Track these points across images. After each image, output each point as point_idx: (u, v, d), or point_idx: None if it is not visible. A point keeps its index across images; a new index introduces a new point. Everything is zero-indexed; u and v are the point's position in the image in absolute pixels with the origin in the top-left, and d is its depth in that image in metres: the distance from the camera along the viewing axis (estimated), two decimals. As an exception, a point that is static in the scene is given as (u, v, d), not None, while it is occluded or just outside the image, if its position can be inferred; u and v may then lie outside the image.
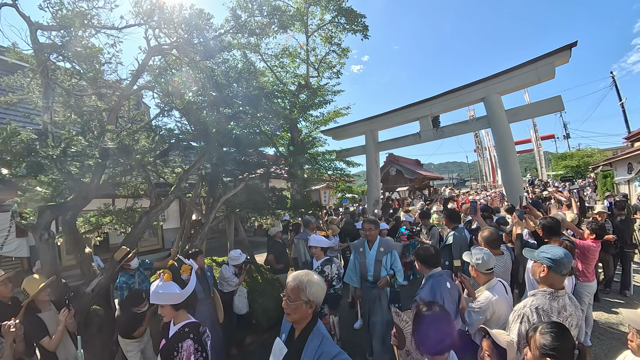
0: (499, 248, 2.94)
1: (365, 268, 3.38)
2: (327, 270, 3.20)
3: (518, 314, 1.77)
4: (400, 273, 3.41)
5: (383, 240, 3.46)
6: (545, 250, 1.84)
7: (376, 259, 3.33)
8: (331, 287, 3.19)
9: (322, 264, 3.27)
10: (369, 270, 3.36)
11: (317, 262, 3.33)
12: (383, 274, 3.31)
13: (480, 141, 26.55)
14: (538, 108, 6.99)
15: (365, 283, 3.42)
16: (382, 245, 3.38)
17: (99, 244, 4.80)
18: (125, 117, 3.97)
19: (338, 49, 8.26)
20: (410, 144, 9.09)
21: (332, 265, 3.25)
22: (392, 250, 3.39)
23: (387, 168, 21.06)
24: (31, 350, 2.26)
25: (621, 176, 11.29)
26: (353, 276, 3.52)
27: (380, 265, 3.30)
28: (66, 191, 2.99)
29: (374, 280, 3.33)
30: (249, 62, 5.12)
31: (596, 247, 3.52)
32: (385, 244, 3.40)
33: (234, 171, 5.05)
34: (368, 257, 3.39)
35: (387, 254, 3.35)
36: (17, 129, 2.44)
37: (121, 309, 2.94)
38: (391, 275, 3.37)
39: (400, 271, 3.41)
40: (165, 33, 3.38)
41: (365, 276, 3.40)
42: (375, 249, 3.38)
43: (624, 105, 18.17)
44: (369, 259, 3.37)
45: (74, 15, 2.68)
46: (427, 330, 1.50)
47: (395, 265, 3.39)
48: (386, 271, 3.33)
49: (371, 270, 3.34)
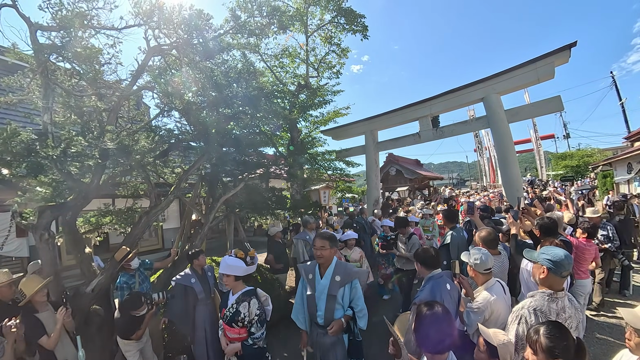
0: (497, 248, 2.94)
1: (314, 305, 2.39)
2: (242, 311, 2.28)
3: (516, 315, 1.77)
4: (363, 315, 2.39)
5: (341, 266, 2.45)
6: (545, 251, 1.84)
7: (329, 292, 2.34)
8: (249, 336, 2.30)
9: (238, 300, 2.33)
10: (318, 308, 2.37)
11: (233, 296, 2.39)
12: (338, 314, 2.35)
13: (480, 141, 26.59)
14: (538, 108, 7.00)
15: (315, 326, 2.45)
16: (338, 273, 2.38)
17: (99, 244, 4.81)
18: (125, 118, 3.98)
19: (338, 49, 8.27)
20: (410, 144, 9.11)
21: (250, 303, 2.30)
22: (352, 279, 2.40)
23: (386, 168, 21.07)
24: (32, 350, 2.27)
25: (621, 176, 11.29)
26: (299, 313, 2.54)
27: (335, 301, 2.33)
28: (66, 191, 3.00)
29: (324, 323, 2.34)
30: (248, 62, 5.12)
31: (588, 246, 3.55)
32: (343, 271, 2.41)
33: (234, 171, 5.05)
34: (318, 288, 2.40)
35: (345, 285, 2.37)
36: (17, 129, 2.45)
37: (120, 311, 2.94)
38: (349, 316, 2.37)
39: (362, 311, 2.39)
40: (164, 33, 3.39)
41: (313, 316, 2.42)
42: (328, 278, 2.38)
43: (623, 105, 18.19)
44: (318, 291, 2.39)
45: (73, 15, 2.69)
46: (429, 329, 1.51)
47: (357, 302, 2.39)
48: (343, 310, 2.37)
49: (321, 307, 2.35)
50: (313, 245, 2.47)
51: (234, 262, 2.39)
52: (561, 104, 6.52)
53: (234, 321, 2.29)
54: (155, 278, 4.28)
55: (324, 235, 2.52)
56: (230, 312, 2.33)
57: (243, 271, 2.38)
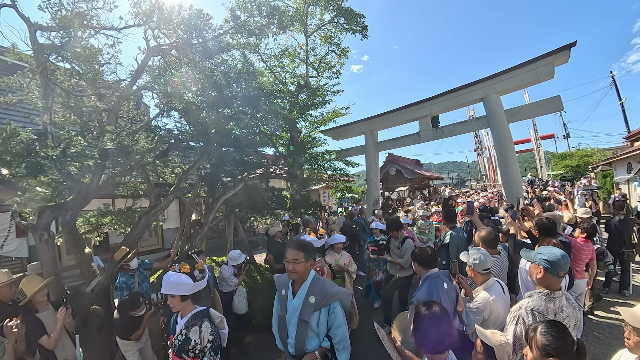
0: (496, 248, 2.95)
1: (285, 328, 1.94)
2: (193, 337, 1.87)
3: (514, 315, 1.78)
4: (344, 347, 1.86)
5: (317, 284, 1.91)
6: (541, 251, 1.84)
7: (300, 316, 1.84)
8: None
9: (188, 325, 1.93)
10: (289, 334, 1.92)
11: (181, 320, 2.00)
12: (311, 345, 1.86)
13: (480, 141, 26.57)
14: (537, 108, 7.00)
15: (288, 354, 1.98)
16: (314, 292, 1.87)
17: (99, 244, 4.81)
18: (124, 118, 3.98)
19: (337, 49, 8.28)
20: (410, 143, 9.11)
21: (201, 327, 1.90)
22: (331, 302, 1.86)
23: (386, 168, 21.06)
24: (32, 350, 2.27)
25: (621, 176, 11.29)
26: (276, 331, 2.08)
27: (307, 328, 1.84)
28: (66, 191, 3.00)
29: (296, 353, 1.90)
30: (248, 62, 5.13)
31: (585, 247, 3.55)
32: (320, 291, 1.87)
33: (234, 171, 5.06)
34: (289, 309, 1.92)
35: (321, 308, 1.85)
36: (16, 129, 2.45)
37: (118, 311, 2.94)
38: (325, 349, 1.86)
39: (342, 343, 1.86)
40: (164, 33, 3.40)
41: (284, 342, 1.97)
42: (301, 298, 1.88)
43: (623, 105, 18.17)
44: (290, 313, 1.91)
45: (73, 15, 2.69)
46: (428, 329, 1.51)
47: (336, 331, 1.86)
48: (318, 340, 1.87)
49: (292, 334, 1.89)
50: (285, 257, 1.95)
51: (177, 279, 1.95)
52: (561, 103, 6.52)
53: (184, 351, 1.86)
54: (155, 278, 4.28)
55: (298, 244, 1.98)
56: (179, 339, 1.91)
57: (190, 289, 1.97)
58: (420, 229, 6.42)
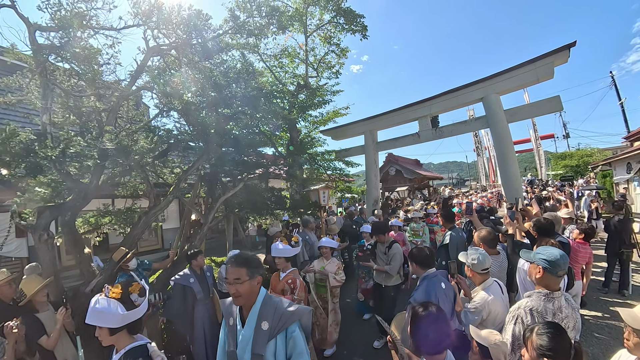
0: (496, 248, 2.95)
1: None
2: None
3: (512, 315, 1.78)
4: None
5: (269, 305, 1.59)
6: (540, 251, 1.85)
7: (253, 350, 1.51)
8: None
9: None
10: None
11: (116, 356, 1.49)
12: None
13: (480, 141, 26.60)
14: (537, 108, 7.01)
15: None
16: (266, 317, 1.55)
17: (99, 244, 4.81)
18: (124, 118, 3.98)
19: (337, 49, 8.29)
20: (410, 143, 9.11)
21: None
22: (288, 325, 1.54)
23: (386, 168, 21.05)
24: (32, 350, 2.28)
25: (620, 176, 11.30)
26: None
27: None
28: (65, 192, 3.01)
29: None
30: (247, 62, 5.13)
31: (582, 249, 3.53)
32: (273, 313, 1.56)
33: (233, 171, 5.06)
34: (240, 343, 1.58)
35: (277, 335, 1.53)
36: (16, 129, 2.46)
37: None
38: None
39: None
40: (164, 34, 3.40)
41: None
42: (252, 326, 1.55)
43: (623, 105, 18.18)
44: (241, 347, 1.56)
45: (72, 16, 2.69)
46: (425, 330, 1.51)
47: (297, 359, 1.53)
48: None
49: None
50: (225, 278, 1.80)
51: (104, 307, 1.40)
52: (560, 103, 6.53)
53: None
54: (154, 278, 4.28)
55: (238, 260, 1.61)
56: None
57: (120, 320, 1.41)
58: (414, 231, 6.32)
